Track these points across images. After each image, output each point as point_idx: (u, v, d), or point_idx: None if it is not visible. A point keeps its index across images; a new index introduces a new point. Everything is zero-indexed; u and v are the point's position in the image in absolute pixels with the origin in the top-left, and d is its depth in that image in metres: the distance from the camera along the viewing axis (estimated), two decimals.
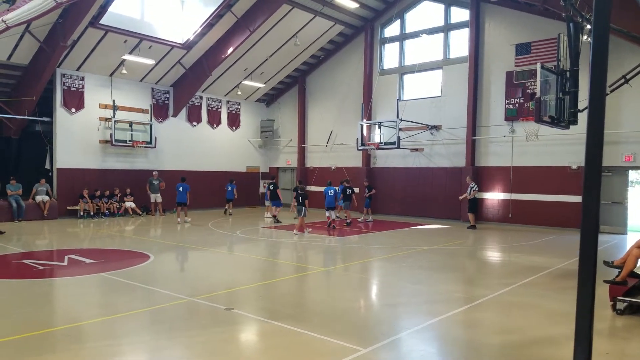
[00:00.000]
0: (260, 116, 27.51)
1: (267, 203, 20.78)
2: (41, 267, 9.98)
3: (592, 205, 1.57)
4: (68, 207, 19.50)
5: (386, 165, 23.13)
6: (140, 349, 5.58)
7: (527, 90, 18.57)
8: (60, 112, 19.51)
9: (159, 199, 21.38)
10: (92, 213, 19.67)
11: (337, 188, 18.49)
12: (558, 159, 18.12)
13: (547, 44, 18.09)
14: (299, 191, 16.05)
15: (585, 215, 1.53)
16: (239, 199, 25.47)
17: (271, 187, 19.88)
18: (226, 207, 22.20)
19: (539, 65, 11.15)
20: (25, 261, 10.52)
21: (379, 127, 21.79)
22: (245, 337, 6.21)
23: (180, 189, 18.53)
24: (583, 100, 13.80)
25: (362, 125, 21.29)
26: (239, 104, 26.39)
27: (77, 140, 19.99)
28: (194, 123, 24.26)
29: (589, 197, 1.49)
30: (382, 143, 20.98)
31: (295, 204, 16.36)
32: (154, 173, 21.42)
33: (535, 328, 6.46)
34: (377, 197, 23.20)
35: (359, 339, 5.83)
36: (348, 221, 18.69)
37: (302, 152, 26.47)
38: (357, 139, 21.22)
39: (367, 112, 22.52)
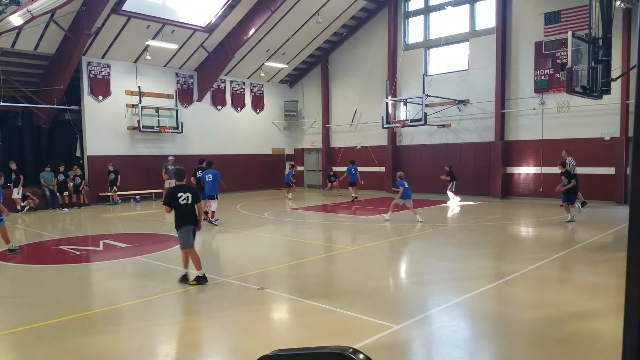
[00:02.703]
0: (283, 97, 27.45)
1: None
2: (78, 253, 10.27)
3: None
4: (100, 194, 19.95)
5: (412, 142, 22.87)
6: (178, 329, 5.71)
7: (557, 61, 18.01)
8: (87, 100, 19.84)
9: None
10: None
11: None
12: (590, 131, 17.60)
13: (577, 11, 17.42)
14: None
15: (634, 181, 1.46)
16: (265, 181, 25.72)
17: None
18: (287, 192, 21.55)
19: (570, 34, 10.81)
20: (62, 247, 10.85)
21: (405, 104, 21.50)
22: (279, 316, 6.30)
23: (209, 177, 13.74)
24: (616, 69, 13.43)
25: (387, 103, 21.03)
26: (262, 86, 26.36)
27: (106, 127, 20.33)
28: (219, 107, 24.37)
29: (638, 162, 1.42)
30: (408, 120, 20.71)
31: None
32: (169, 158, 21.24)
33: (569, 302, 6.36)
34: (405, 175, 23.13)
35: (391, 316, 5.84)
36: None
37: (326, 133, 26.37)
38: (382, 117, 21.00)
39: (392, 89, 22.23)
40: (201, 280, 7.38)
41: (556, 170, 18.33)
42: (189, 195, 7.56)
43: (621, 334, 1.63)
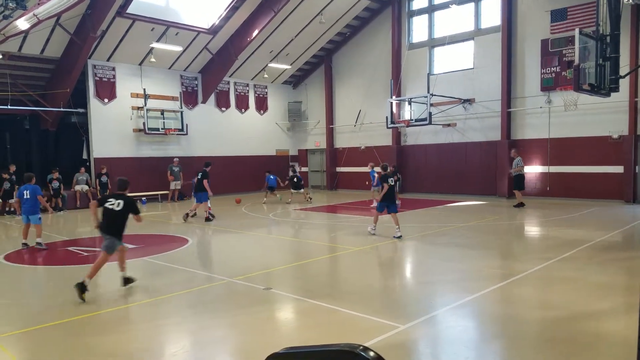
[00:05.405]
0: (287, 98, 27.45)
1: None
2: (85, 254, 10.31)
3: None
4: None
5: (417, 142, 22.80)
6: (185, 329, 5.72)
7: (564, 58, 17.90)
8: (93, 103, 19.93)
9: (178, 186, 21.50)
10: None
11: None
12: (598, 129, 17.48)
13: (584, 8, 17.31)
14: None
15: None
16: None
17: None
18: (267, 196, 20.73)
19: (577, 31, 10.68)
20: (70, 248, 10.90)
21: (409, 104, 21.41)
22: (285, 316, 6.30)
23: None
24: (624, 67, 13.31)
25: (392, 103, 20.98)
26: (265, 87, 26.38)
27: (112, 129, 20.42)
28: (223, 108, 24.42)
29: None
30: (412, 120, 20.60)
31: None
32: (174, 160, 21.37)
33: (577, 302, 6.31)
34: (409, 175, 23.04)
35: (397, 316, 5.82)
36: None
37: (330, 133, 26.33)
38: (387, 117, 20.95)
39: (397, 88, 22.18)
40: None
41: (562, 169, 18.35)
42: None
43: (631, 333, 1.61)
